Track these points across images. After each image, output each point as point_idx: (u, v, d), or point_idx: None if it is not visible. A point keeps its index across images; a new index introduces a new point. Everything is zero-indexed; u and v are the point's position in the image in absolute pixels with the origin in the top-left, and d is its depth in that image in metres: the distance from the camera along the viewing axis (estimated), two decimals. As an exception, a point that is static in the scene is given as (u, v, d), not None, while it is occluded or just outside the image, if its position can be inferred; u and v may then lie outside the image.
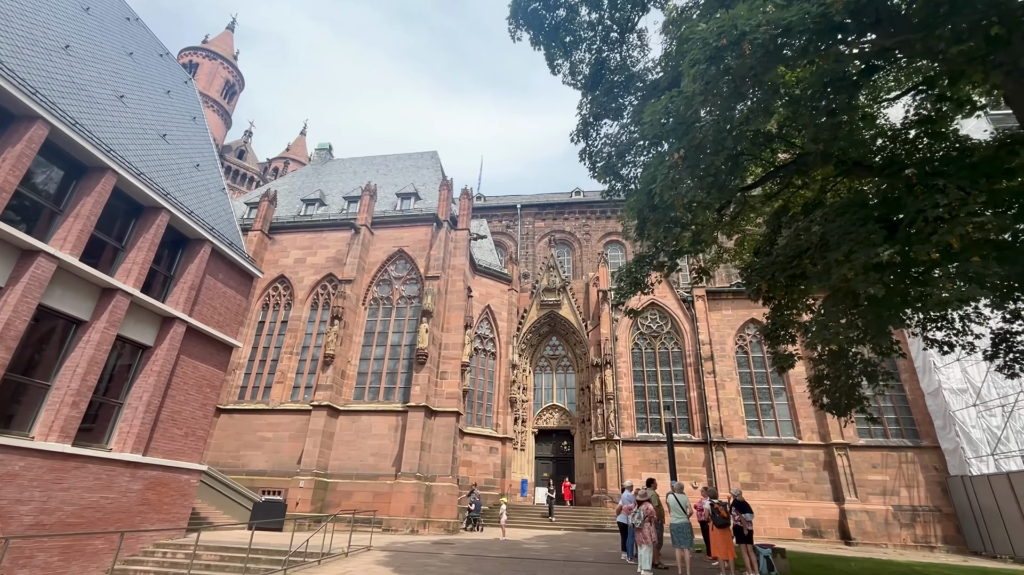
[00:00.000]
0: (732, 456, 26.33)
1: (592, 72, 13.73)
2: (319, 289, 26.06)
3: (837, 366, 9.96)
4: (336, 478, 21.27)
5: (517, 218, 48.49)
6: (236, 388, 24.17)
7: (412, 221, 26.62)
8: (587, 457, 29.68)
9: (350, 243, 25.93)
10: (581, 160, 11.13)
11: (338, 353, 22.84)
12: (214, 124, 58.46)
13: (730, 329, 29.41)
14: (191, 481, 14.62)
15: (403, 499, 19.96)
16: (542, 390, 33.03)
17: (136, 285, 12.81)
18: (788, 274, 7.61)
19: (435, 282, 23.97)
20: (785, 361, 9.15)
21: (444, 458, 21.41)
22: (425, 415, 21.48)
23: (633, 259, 9.78)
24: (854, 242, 6.33)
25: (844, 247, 6.47)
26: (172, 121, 17.96)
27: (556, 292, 32.90)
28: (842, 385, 9.98)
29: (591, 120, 10.31)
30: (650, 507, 10.82)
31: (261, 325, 25.74)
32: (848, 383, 9.82)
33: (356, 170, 34.84)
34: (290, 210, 29.59)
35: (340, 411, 22.45)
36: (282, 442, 22.34)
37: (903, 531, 23.84)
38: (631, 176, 9.77)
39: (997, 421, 23.31)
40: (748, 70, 5.64)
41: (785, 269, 7.68)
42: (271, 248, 27.15)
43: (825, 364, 11.04)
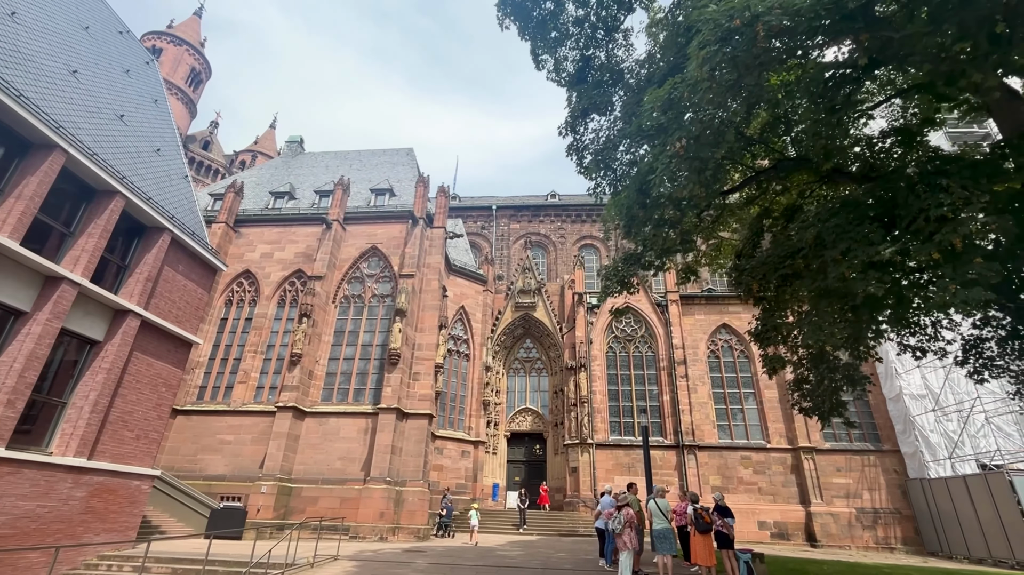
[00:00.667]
0: (703, 460, 26.53)
1: (577, 70, 13.51)
2: (287, 286, 25.00)
3: (820, 370, 9.93)
4: (301, 483, 20.33)
5: (492, 219, 48.19)
6: (195, 388, 22.89)
7: (386, 217, 25.87)
8: (560, 461, 29.43)
9: (321, 238, 25.00)
10: (568, 155, 10.84)
11: (306, 352, 21.90)
12: (178, 112, 56.00)
13: (702, 334, 29.72)
14: (142, 487, 13.58)
15: (372, 505, 19.20)
16: (515, 393, 32.64)
17: (85, 274, 11.81)
18: (780, 274, 7.48)
19: (409, 280, 23.32)
20: (776, 362, 9.03)
21: (416, 462, 20.75)
22: (397, 417, 20.78)
23: (621, 257, 9.52)
24: (852, 240, 6.20)
25: (841, 246, 6.33)
26: (131, 102, 16.84)
27: (531, 294, 32.59)
28: (824, 389, 9.95)
29: (579, 113, 10.01)
30: (631, 512, 10.55)
31: (224, 322, 24.50)
32: (831, 387, 9.78)
33: (328, 164, 33.77)
34: (257, 203, 28.39)
35: (307, 413, 21.51)
36: (243, 445, 21.23)
37: (865, 533, 24.45)
38: (621, 172, 9.51)
39: (953, 426, 24.20)
40: (754, 59, 5.42)
41: (777, 269, 7.55)
42: (236, 242, 25.93)
43: (806, 368, 11.05)
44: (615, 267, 9.49)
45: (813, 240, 6.91)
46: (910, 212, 5.80)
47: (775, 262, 7.63)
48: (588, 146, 10.52)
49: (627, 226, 9.35)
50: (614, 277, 9.40)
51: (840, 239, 6.37)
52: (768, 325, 7.77)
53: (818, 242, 6.86)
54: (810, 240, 6.94)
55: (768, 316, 7.87)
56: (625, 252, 9.63)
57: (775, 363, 8.40)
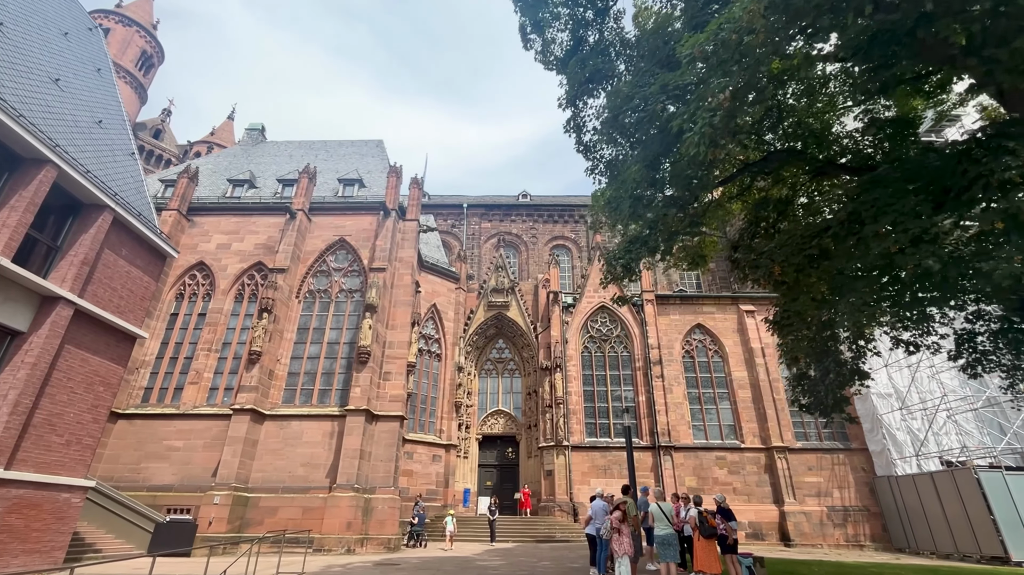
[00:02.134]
0: (679, 460, 26.24)
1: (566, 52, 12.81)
2: (245, 279, 23.20)
3: (825, 363, 9.46)
4: (259, 492, 18.67)
5: (463, 218, 47.15)
6: (139, 390, 20.81)
7: (356, 209, 24.46)
8: (533, 464, 28.59)
9: (284, 229, 23.34)
10: (567, 132, 10.05)
11: (266, 350, 20.25)
12: (127, 97, 52.32)
13: (677, 334, 29.57)
14: (72, 500, 11.87)
15: (338, 514, 17.78)
16: (487, 394, 31.63)
17: (5, 253, 10.15)
18: (805, 254, 6.88)
19: (380, 274, 22.00)
20: (798, 350, 8.45)
21: (386, 467, 19.43)
22: (366, 419, 19.42)
23: (626, 240, 8.77)
24: (898, 214, 5.64)
25: (885, 220, 5.76)
26: (69, 67, 15.01)
27: (504, 293, 31.72)
28: (830, 383, 9.48)
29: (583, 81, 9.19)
30: (616, 516, 9.78)
31: (174, 318, 22.47)
32: (837, 381, 9.32)
33: (292, 154, 31.96)
34: (214, 191, 26.39)
35: (266, 416, 19.84)
36: (194, 452, 19.38)
37: (836, 531, 24.66)
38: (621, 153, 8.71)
39: (918, 424, 24.78)
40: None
41: (802, 249, 6.96)
42: (189, 231, 23.92)
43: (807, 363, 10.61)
44: (619, 251, 8.74)
45: (847, 217, 6.34)
46: (964, 180, 5.28)
47: (799, 243, 7.05)
48: (587, 122, 9.76)
49: (631, 207, 8.60)
50: (618, 261, 8.65)
51: (882, 213, 5.81)
52: (791, 311, 7.19)
53: (852, 218, 6.29)
54: (843, 217, 6.37)
55: (791, 301, 7.30)
56: (630, 235, 8.89)
57: (796, 351, 7.82)
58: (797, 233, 7.13)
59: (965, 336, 11.23)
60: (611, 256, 8.94)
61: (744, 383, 28.05)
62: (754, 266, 7.77)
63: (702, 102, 5.42)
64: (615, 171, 10.29)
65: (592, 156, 9.77)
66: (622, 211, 8.83)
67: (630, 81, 6.94)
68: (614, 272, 8.76)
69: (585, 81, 9.20)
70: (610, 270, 8.84)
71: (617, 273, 8.75)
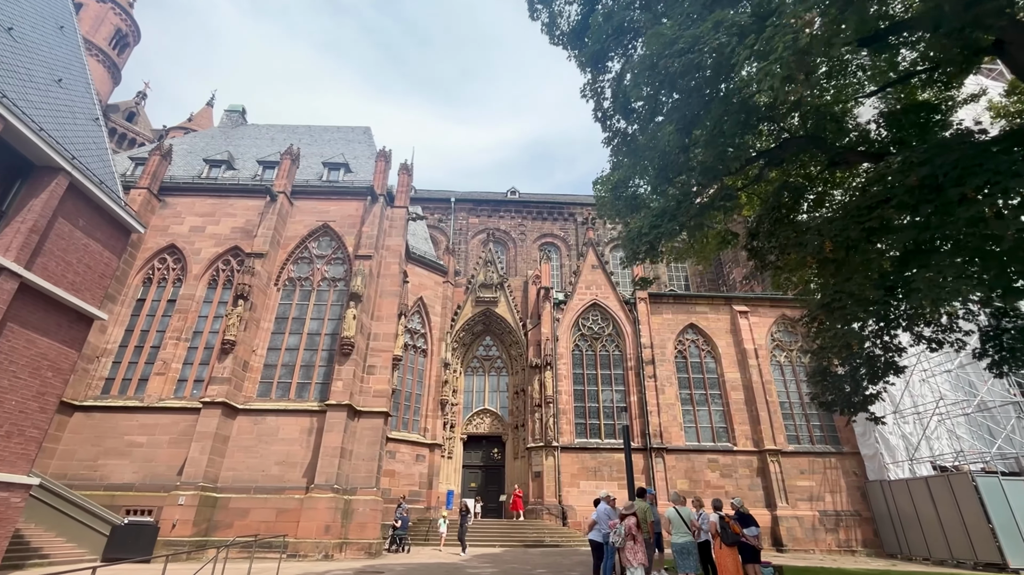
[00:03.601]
0: (671, 463, 25.53)
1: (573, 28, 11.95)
2: (220, 264, 21.71)
3: (859, 355, 8.69)
4: (229, 492, 17.27)
5: (450, 212, 46.10)
6: (100, 380, 19.20)
7: (341, 193, 23.17)
8: (520, 465, 27.60)
9: (264, 212, 21.93)
10: (584, 96, 9.14)
11: (241, 340, 18.86)
12: (98, 76, 49.84)
13: (670, 333, 28.92)
14: (12, 500, 10.45)
15: (315, 517, 16.50)
16: (473, 393, 30.54)
17: (-65, 212, 8.78)
18: (863, 227, 6.08)
19: (366, 262, 20.77)
20: (852, 337, 7.63)
21: (368, 467, 18.21)
22: (348, 415, 18.17)
23: (651, 216, 7.84)
24: (992, 174, 4.84)
25: (974, 181, 4.95)
26: (25, 17, 13.55)
27: (493, 289, 30.68)
28: (861, 377, 8.72)
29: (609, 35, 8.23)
30: (632, 522, 8.87)
31: (140, 303, 20.87)
32: (869, 374, 8.57)
33: (275, 137, 30.46)
34: (189, 171, 24.79)
35: (239, 410, 18.45)
36: (159, 448, 17.89)
37: (828, 536, 24.21)
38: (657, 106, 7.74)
39: (910, 428, 24.52)
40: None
41: (859, 222, 6.15)
42: (160, 212, 22.32)
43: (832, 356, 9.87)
44: (645, 227, 7.82)
45: (920, 182, 5.54)
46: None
47: (855, 215, 6.25)
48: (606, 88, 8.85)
49: (658, 177, 7.69)
50: (643, 238, 7.74)
51: (970, 174, 5.01)
52: (844, 291, 6.38)
53: (927, 183, 5.49)
54: (914, 183, 5.57)
55: (844, 280, 6.48)
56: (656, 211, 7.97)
57: (849, 337, 6.99)
58: (852, 205, 6.34)
59: (991, 333, 10.63)
60: (633, 234, 8.05)
61: (737, 384, 27.52)
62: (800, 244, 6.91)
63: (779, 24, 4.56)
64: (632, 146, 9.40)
65: (611, 125, 8.86)
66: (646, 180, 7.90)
67: (671, 25, 6.08)
68: (637, 252, 7.87)
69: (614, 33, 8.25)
70: (633, 249, 7.94)
71: (640, 253, 7.85)
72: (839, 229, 6.31)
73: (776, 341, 29.11)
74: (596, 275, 30.33)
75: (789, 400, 27.64)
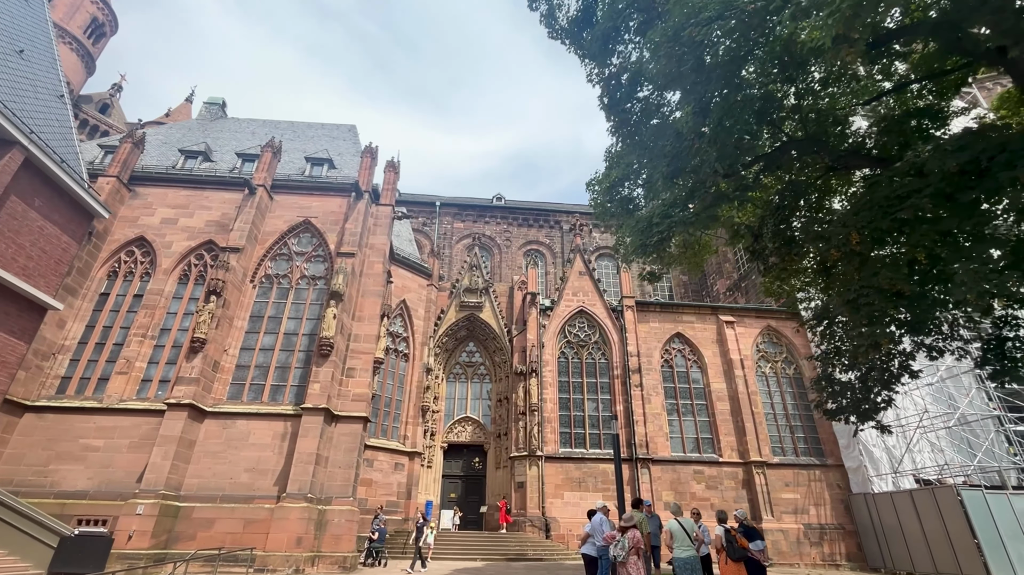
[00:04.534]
0: (656, 474, 25.05)
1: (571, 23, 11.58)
2: (193, 259, 20.58)
3: (872, 360, 8.31)
4: (193, 501, 16.10)
5: (435, 216, 45.46)
6: (55, 379, 17.81)
7: (324, 189, 22.30)
8: (502, 475, 26.81)
9: (241, 206, 20.93)
10: (589, 80, 8.64)
11: (212, 338, 17.77)
12: (71, 64, 48.02)
13: (657, 342, 28.60)
14: (-58, 508, 9.32)
15: (287, 528, 15.44)
16: (455, 400, 29.70)
17: None
18: (892, 218, 5.67)
19: (349, 260, 19.91)
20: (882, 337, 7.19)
21: (345, 475, 17.23)
22: (325, 420, 17.20)
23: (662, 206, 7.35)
24: (1047, 155, 4.47)
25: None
26: (-15, -18, 12.57)
27: (478, 293, 30.02)
28: (873, 382, 8.33)
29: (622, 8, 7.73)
30: (637, 535, 8.29)
31: (104, 298, 19.57)
32: (883, 380, 8.18)
33: (256, 131, 29.43)
34: (163, 161, 23.63)
35: (208, 412, 17.31)
36: (117, 453, 16.62)
37: (812, 550, 23.96)
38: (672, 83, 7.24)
39: (893, 440, 24.53)
40: None
41: (887, 213, 5.75)
42: (130, 203, 21.10)
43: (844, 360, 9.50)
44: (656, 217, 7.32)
45: (959, 168, 5.15)
46: None
47: (883, 206, 5.84)
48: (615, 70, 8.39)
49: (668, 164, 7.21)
50: (654, 229, 7.22)
51: (1020, 157, 4.63)
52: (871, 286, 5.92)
53: (966, 170, 5.10)
54: (954, 169, 5.18)
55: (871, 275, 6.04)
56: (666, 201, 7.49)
57: (879, 337, 6.54)
58: (879, 195, 5.94)
59: (994, 342, 10.42)
60: (643, 224, 7.54)
61: (723, 395, 27.29)
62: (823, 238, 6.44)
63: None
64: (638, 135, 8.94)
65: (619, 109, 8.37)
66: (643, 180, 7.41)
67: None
68: (647, 243, 7.35)
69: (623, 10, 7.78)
70: (642, 240, 7.43)
71: (651, 244, 7.34)
72: (866, 221, 5.92)
73: (761, 352, 29.05)
74: (583, 282, 29.93)
75: (774, 411, 27.51)
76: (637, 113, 8.10)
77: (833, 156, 10.46)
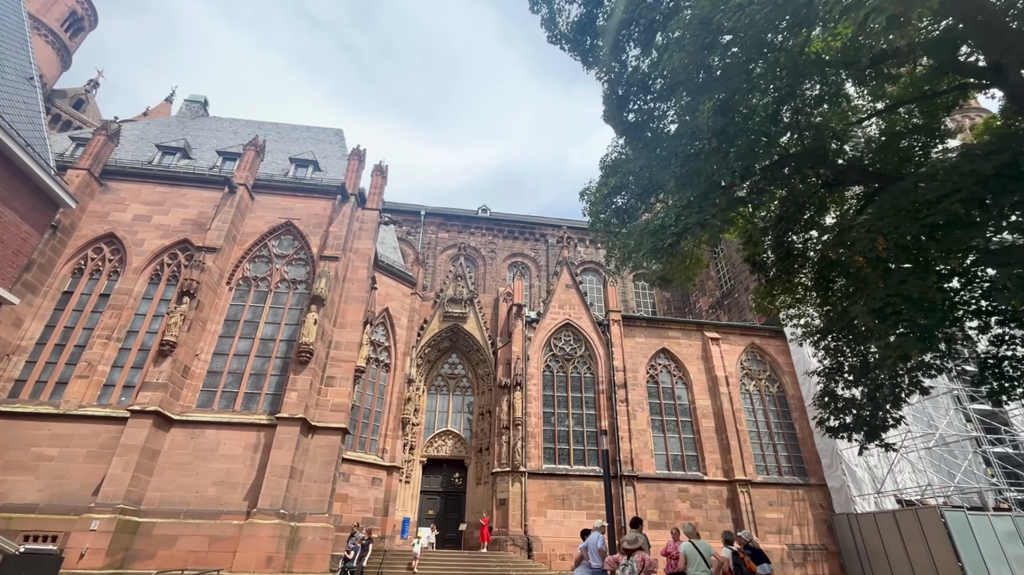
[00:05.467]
0: (641, 492, 24.55)
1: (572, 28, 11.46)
2: (166, 258, 19.58)
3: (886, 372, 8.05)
4: (154, 517, 14.97)
5: (419, 225, 44.91)
6: (8, 382, 16.59)
7: (309, 191, 21.61)
8: (483, 491, 25.96)
9: (220, 205, 20.06)
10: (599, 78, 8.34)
11: (183, 341, 16.79)
12: (46, 57, 46.41)
13: (642, 357, 28.35)
14: None
15: (256, 546, 14.41)
16: (435, 413, 28.82)
17: None
18: (922, 223, 5.43)
19: (332, 264, 19.19)
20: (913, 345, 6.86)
21: (320, 490, 16.31)
22: (301, 431, 16.30)
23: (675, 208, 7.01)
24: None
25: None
26: (-47, -47, 11.79)
27: (463, 304, 29.42)
28: (883, 397, 8.07)
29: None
30: (647, 558, 7.79)
31: (67, 297, 18.41)
32: (893, 395, 7.93)
33: (238, 131, 28.57)
34: (139, 156, 22.64)
35: (175, 421, 16.25)
36: (73, 463, 15.42)
37: (796, 571, 23.68)
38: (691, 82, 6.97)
39: (875, 460, 24.62)
40: None
41: (916, 218, 5.50)
42: (101, 197, 20.05)
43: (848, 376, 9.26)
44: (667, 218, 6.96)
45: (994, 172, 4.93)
46: None
47: (912, 210, 5.59)
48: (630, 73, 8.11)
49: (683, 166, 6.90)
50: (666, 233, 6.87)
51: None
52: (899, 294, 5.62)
53: (1004, 172, 4.89)
54: (991, 173, 4.95)
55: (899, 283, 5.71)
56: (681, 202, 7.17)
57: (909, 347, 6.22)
58: (907, 201, 5.71)
59: (991, 361, 10.34)
60: (654, 227, 7.18)
61: (707, 412, 27.10)
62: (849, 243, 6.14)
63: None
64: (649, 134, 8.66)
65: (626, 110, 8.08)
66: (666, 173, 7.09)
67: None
68: (658, 247, 6.98)
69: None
70: (655, 244, 7.05)
71: (663, 247, 6.97)
72: (892, 226, 5.67)
73: (746, 369, 29.04)
74: (570, 295, 29.62)
75: (758, 429, 27.41)
76: (646, 114, 7.82)
77: (833, 169, 10.37)
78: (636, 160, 9.07)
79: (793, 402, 28.20)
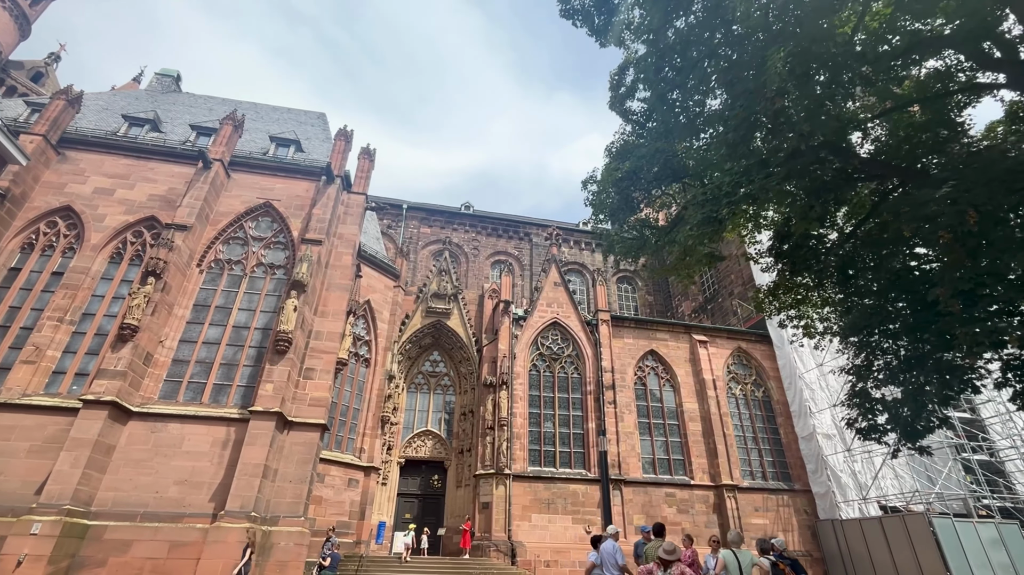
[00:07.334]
0: (628, 496, 23.84)
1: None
2: (130, 235, 17.92)
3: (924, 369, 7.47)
4: (106, 519, 13.40)
5: (401, 219, 43.67)
6: (-59, 368, 14.75)
7: (291, 171, 20.23)
8: (463, 495, 24.87)
9: (192, 180, 18.51)
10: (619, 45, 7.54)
11: (146, 326, 15.24)
12: (2, 24, 43.28)
13: (631, 358, 27.79)
14: None
15: (223, 552, 13.00)
16: (415, 412, 27.61)
17: None
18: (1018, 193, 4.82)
19: (316, 248, 17.89)
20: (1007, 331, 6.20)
21: (296, 491, 14.98)
22: (276, 426, 14.94)
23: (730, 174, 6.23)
24: None
25: None
26: None
27: (447, 300, 28.34)
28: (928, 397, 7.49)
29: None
30: (687, 571, 6.96)
31: (14, 274, 16.60)
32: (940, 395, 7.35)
33: (214, 108, 26.82)
34: (103, 126, 20.83)
35: (134, 413, 14.67)
36: (13, 458, 13.72)
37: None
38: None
39: (859, 466, 24.60)
40: None
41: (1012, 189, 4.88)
42: (57, 167, 18.25)
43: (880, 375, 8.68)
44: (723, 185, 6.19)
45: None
46: None
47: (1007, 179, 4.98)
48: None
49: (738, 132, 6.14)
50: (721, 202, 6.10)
51: None
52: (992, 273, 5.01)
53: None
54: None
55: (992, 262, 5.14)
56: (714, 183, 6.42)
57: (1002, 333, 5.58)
58: (1000, 168, 5.10)
59: (1015, 363, 9.95)
60: (709, 195, 6.40)
61: (695, 415, 26.69)
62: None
63: None
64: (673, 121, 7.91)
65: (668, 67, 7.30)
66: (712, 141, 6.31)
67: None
68: (713, 217, 6.20)
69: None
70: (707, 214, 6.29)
71: (716, 218, 6.19)
72: (985, 197, 5.04)
73: (732, 373, 28.81)
74: (558, 293, 28.85)
75: (744, 434, 27.17)
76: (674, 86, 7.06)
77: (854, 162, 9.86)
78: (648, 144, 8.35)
79: (779, 407, 28.06)
